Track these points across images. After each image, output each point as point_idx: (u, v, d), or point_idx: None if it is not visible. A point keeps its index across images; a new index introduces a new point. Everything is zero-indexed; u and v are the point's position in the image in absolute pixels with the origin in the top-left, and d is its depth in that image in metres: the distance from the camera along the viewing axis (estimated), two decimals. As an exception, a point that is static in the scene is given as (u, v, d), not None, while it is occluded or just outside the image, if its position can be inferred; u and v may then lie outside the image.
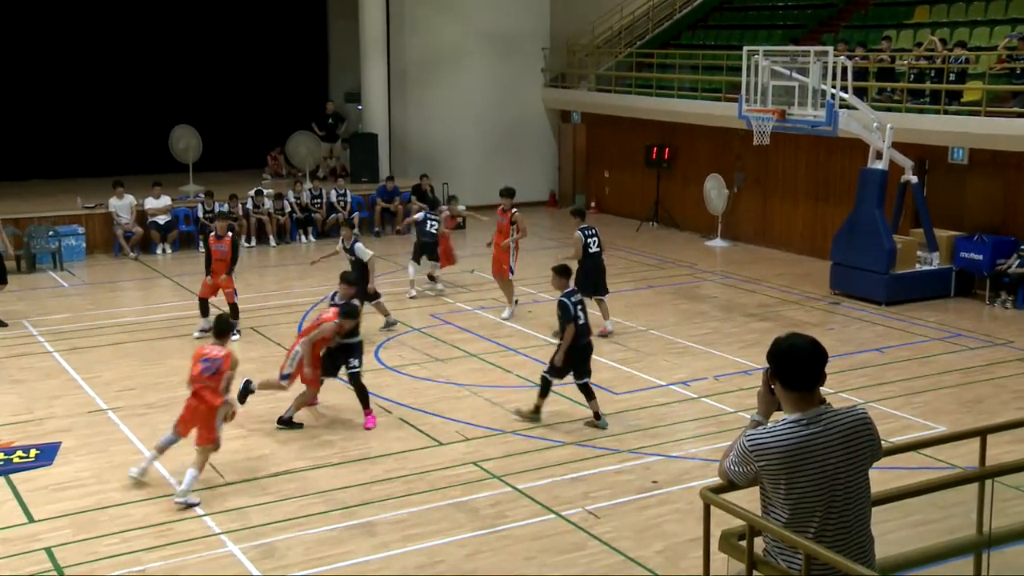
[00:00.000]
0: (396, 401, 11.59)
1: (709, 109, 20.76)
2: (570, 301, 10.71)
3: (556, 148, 26.69)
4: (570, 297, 10.79)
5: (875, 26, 20.33)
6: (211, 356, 9.17)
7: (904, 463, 8.49)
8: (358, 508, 8.81)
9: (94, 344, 13.91)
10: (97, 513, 8.72)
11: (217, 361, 9.12)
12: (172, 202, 20.62)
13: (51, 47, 23.93)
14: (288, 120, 24.37)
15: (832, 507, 4.35)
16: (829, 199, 19.21)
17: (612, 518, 8.65)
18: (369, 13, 23.55)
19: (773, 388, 4.49)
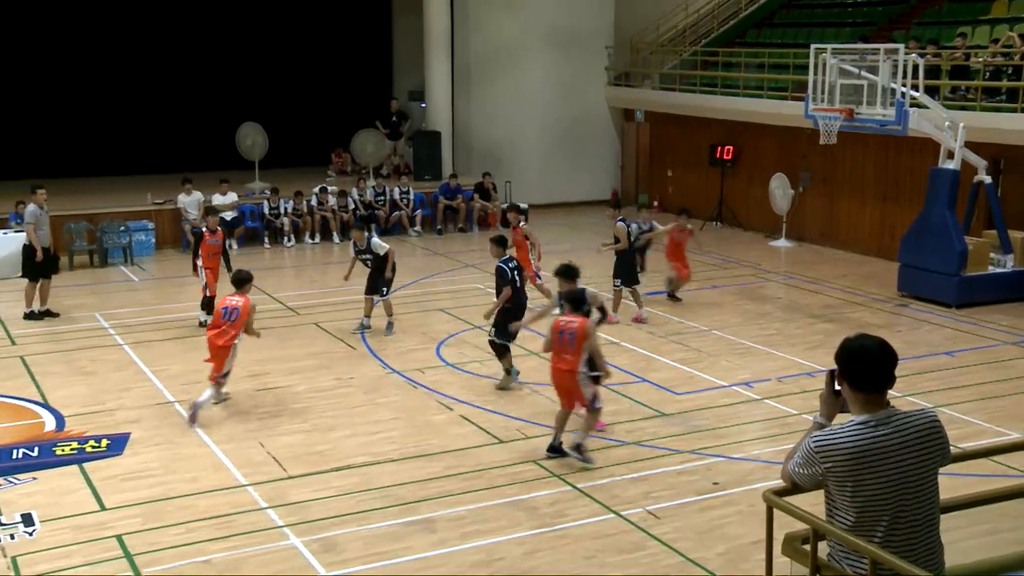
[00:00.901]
0: (457, 398, 11.63)
1: (775, 108, 20.50)
2: (508, 267, 11.99)
3: (619, 147, 26.57)
4: (507, 263, 12.03)
5: (949, 22, 19.87)
6: (230, 305, 11.05)
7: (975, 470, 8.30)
8: (417, 504, 8.85)
9: (162, 338, 14.19)
10: (164, 503, 8.88)
11: (236, 310, 10.96)
12: (238, 198, 20.96)
13: (125, 47, 24.45)
14: (353, 118, 24.62)
15: (900, 512, 4.28)
16: (898, 199, 18.85)
17: (673, 519, 8.58)
18: (433, 10, 23.68)
19: (840, 389, 4.42)
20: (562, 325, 9.71)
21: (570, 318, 9.78)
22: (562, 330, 9.68)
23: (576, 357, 9.59)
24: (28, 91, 23.78)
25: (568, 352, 9.61)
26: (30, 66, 23.77)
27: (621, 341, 13.86)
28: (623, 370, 12.62)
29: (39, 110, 23.91)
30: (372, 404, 11.48)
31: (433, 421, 10.96)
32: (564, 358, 9.64)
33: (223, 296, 11.53)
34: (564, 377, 9.72)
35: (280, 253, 20.26)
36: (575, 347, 9.59)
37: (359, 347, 13.69)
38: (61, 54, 23.98)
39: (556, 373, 9.81)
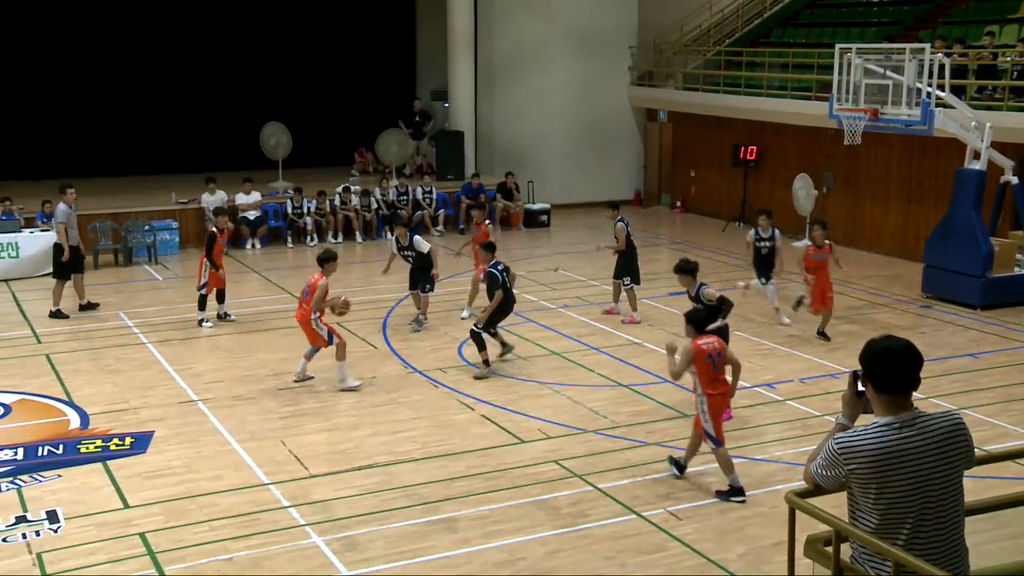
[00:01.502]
0: (478, 398, 11.65)
1: (799, 108, 20.39)
2: (497, 271, 12.52)
3: (642, 147, 26.50)
4: (496, 267, 12.56)
5: (976, 22, 19.71)
6: (308, 281, 11.95)
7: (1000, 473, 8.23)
8: (440, 504, 8.87)
9: (186, 336, 14.28)
10: (187, 501, 8.94)
11: (308, 285, 11.87)
12: (262, 198, 21.06)
13: (150, 47, 24.65)
14: (376, 118, 24.71)
15: (924, 515, 4.26)
16: (923, 200, 18.71)
17: (694, 520, 8.57)
18: (457, 10, 23.74)
19: (863, 391, 4.41)
20: (707, 349, 8.97)
21: (708, 339, 9.08)
22: (709, 354, 8.96)
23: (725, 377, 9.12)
24: (54, 91, 24.02)
25: (722, 373, 9.07)
26: (56, 67, 24.00)
27: (644, 342, 13.83)
28: (646, 371, 12.61)
29: (64, 110, 24.14)
30: (394, 403, 11.51)
31: (455, 420, 10.98)
32: (721, 380, 9.04)
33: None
34: (723, 403, 9.14)
35: (303, 252, 20.33)
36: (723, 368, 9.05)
37: (381, 346, 13.73)
38: (86, 55, 24.20)
39: (721, 401, 9.06)
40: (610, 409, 11.25)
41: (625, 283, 14.90)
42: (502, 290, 12.43)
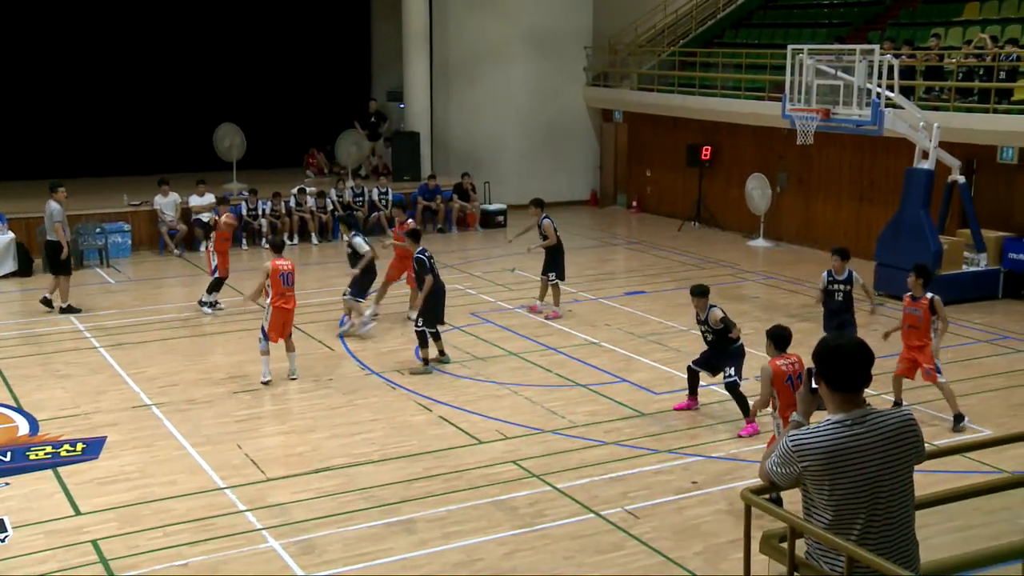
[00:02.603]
0: (436, 399, 11.63)
1: (752, 108, 20.60)
2: (425, 256, 12.55)
3: (598, 147, 26.61)
4: (423, 254, 12.58)
5: (923, 24, 20.05)
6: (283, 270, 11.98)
7: (949, 467, 8.37)
8: (398, 505, 8.84)
9: (139, 340, 14.11)
10: (141, 507, 8.83)
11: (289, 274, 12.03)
12: (216, 200, 20.81)
13: (99, 47, 24.28)
14: (331, 119, 24.57)
15: (876, 509, 4.31)
16: (874, 199, 18.98)
17: (651, 518, 8.62)
18: (412, 11, 23.66)
19: (817, 388, 4.46)
20: (787, 370, 8.54)
21: (788, 359, 8.64)
22: (789, 376, 8.51)
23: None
24: (2, 93, 23.57)
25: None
26: (4, 68, 23.56)
27: (601, 342, 13.89)
28: (603, 370, 12.67)
29: (12, 112, 23.70)
30: (351, 405, 11.46)
31: (413, 422, 10.95)
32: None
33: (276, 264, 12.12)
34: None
35: (258, 254, 20.12)
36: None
37: (338, 348, 13.66)
38: (35, 56, 23.80)
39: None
40: (567, 409, 11.29)
41: (550, 278, 15.05)
42: (431, 275, 12.43)
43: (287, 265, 12.01)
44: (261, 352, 12.07)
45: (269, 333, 11.99)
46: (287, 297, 11.97)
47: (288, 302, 11.98)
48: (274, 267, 11.96)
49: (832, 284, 12.22)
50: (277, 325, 11.99)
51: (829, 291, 12.26)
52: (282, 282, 11.92)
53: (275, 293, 11.95)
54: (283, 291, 11.94)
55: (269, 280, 12.02)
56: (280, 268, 11.95)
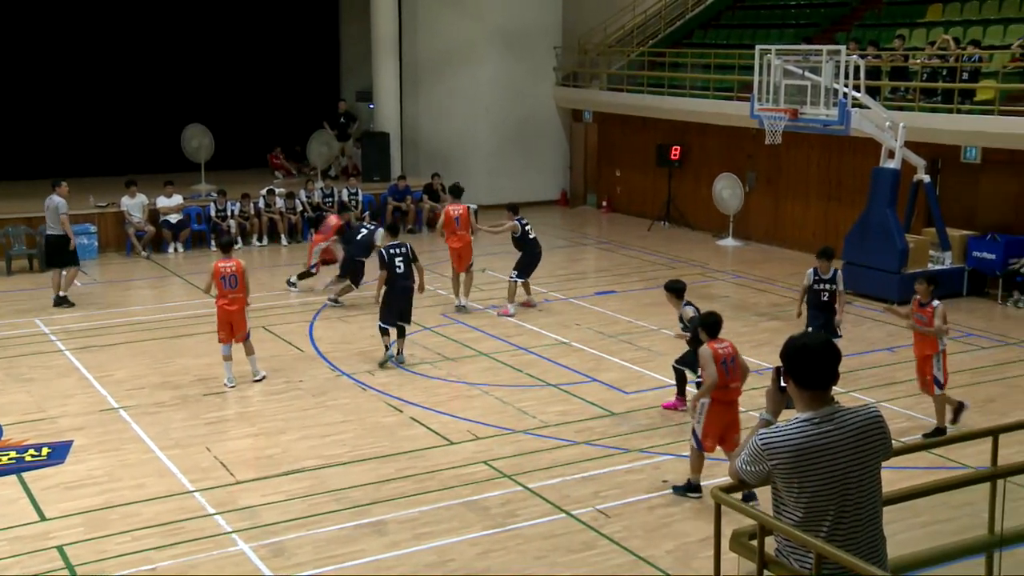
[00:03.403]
0: (407, 400, 11.60)
1: (721, 108, 20.72)
2: (386, 252, 12.79)
3: (568, 147, 26.66)
4: (387, 249, 12.81)
5: (888, 25, 20.26)
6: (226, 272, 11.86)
7: (915, 463, 8.46)
8: (369, 507, 8.82)
9: (106, 343, 13.97)
10: (108, 511, 8.74)
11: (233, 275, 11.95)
12: (184, 201, 20.69)
13: (66, 47, 24.03)
14: (301, 119, 24.45)
15: (844, 506, 4.33)
16: (841, 198, 19.15)
17: (622, 517, 8.64)
18: (381, 11, 23.57)
19: (785, 387, 4.48)
20: (722, 352, 8.90)
21: (722, 343, 9.00)
22: (723, 359, 8.87)
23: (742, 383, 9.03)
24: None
25: (736, 380, 8.95)
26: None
27: (572, 341, 13.92)
28: (573, 370, 12.69)
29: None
30: (322, 407, 11.41)
31: (383, 423, 10.92)
32: (733, 388, 8.96)
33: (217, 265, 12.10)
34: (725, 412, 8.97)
35: (232, 257, 20.03)
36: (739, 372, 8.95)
37: (308, 349, 13.60)
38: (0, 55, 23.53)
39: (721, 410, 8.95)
40: (538, 409, 11.30)
41: (512, 276, 15.28)
42: (388, 270, 12.69)
43: (231, 267, 11.86)
44: (223, 357, 12.00)
45: (218, 334, 11.94)
46: (230, 299, 11.82)
47: (232, 303, 11.82)
48: (216, 269, 11.88)
49: (818, 284, 12.29)
50: (224, 326, 11.90)
51: (815, 290, 12.32)
52: (224, 284, 11.82)
53: (219, 294, 11.90)
54: (225, 293, 11.82)
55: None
56: (223, 271, 11.84)
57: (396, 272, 12.73)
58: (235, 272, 11.87)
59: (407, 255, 12.87)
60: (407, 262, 12.86)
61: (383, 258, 12.76)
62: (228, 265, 11.90)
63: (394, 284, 12.71)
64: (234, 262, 11.97)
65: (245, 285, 11.94)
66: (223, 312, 11.87)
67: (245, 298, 11.96)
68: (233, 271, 11.87)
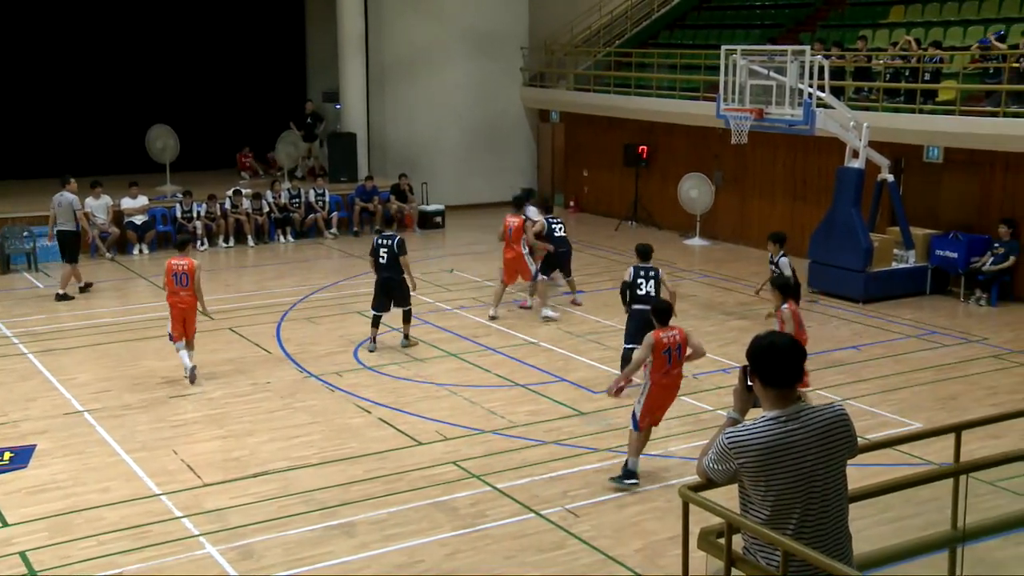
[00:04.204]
0: (375, 401, 11.56)
1: (687, 108, 20.82)
2: (375, 241, 13.40)
3: (535, 147, 26.70)
4: (376, 239, 13.38)
5: (851, 25, 20.45)
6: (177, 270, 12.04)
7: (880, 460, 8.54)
8: (338, 508, 8.79)
9: (70, 346, 13.81)
10: (73, 516, 8.65)
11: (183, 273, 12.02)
12: (149, 202, 20.46)
13: (27, 47, 23.70)
14: (267, 120, 24.29)
15: (811, 504, 4.37)
16: (807, 198, 19.30)
17: (591, 517, 8.66)
18: (347, 11, 23.47)
19: (751, 385, 4.50)
20: (667, 341, 9.23)
21: (670, 331, 9.32)
22: (668, 347, 9.24)
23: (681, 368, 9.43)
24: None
25: (677, 367, 9.37)
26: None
27: (540, 341, 13.93)
28: (542, 370, 12.71)
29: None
30: (289, 408, 11.35)
31: (351, 424, 10.89)
32: (675, 373, 9.39)
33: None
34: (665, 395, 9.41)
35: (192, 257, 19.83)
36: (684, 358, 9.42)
37: (275, 351, 13.52)
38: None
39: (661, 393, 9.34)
40: (507, 409, 11.31)
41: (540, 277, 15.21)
42: (373, 257, 13.32)
43: (183, 266, 12.00)
44: (177, 350, 12.16)
45: (172, 332, 12.08)
46: (181, 296, 11.98)
47: (182, 300, 11.98)
48: (169, 266, 12.07)
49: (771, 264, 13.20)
50: (176, 323, 12.03)
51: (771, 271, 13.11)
52: (175, 281, 11.99)
53: (169, 291, 12.04)
54: (176, 290, 12.00)
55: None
56: (174, 268, 12.01)
57: (380, 263, 13.25)
58: (187, 271, 11.98)
59: (391, 248, 13.12)
60: (391, 254, 13.13)
61: (372, 247, 13.33)
62: (181, 263, 12.04)
63: (378, 274, 13.34)
64: (187, 260, 12.08)
65: (196, 285, 12.00)
66: (175, 308, 12.03)
67: (195, 297, 12.05)
68: (185, 269, 11.99)
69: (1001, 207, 16.21)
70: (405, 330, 13.55)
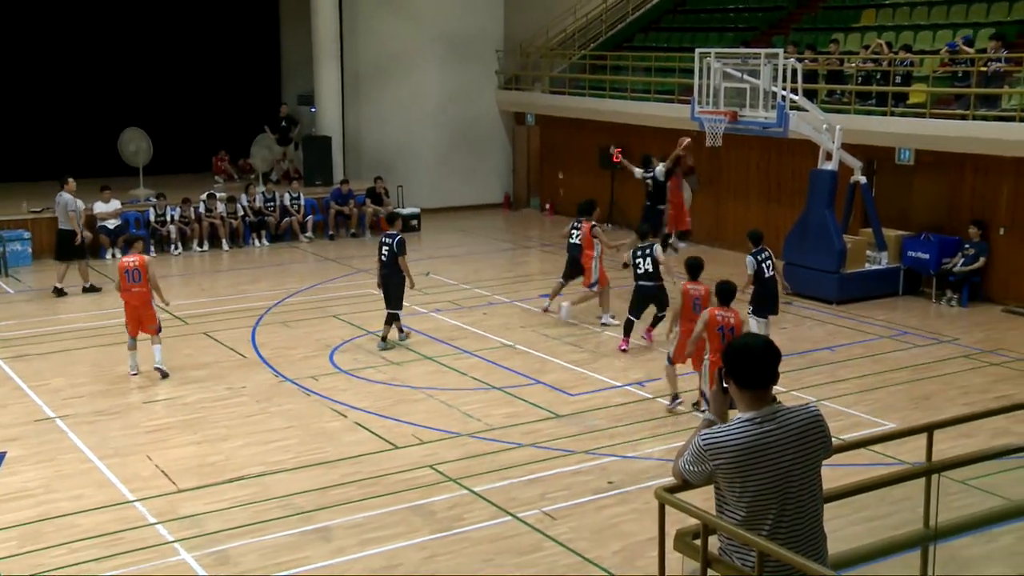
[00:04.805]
0: (351, 405, 11.52)
1: (662, 111, 20.88)
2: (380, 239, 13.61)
3: (511, 150, 26.71)
4: (380, 237, 13.64)
5: (824, 29, 20.60)
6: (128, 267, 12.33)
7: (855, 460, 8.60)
8: (315, 513, 8.75)
9: (41, 351, 13.66)
10: (44, 524, 8.56)
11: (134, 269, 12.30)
12: (122, 206, 20.29)
13: (-4, 49, 23.50)
14: (241, 122, 24.13)
15: (786, 505, 4.38)
16: (781, 200, 19.41)
17: (569, 519, 8.66)
18: (322, 15, 23.38)
19: (727, 387, 4.51)
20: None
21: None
22: (721, 325, 9.96)
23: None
24: None
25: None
26: None
27: (516, 344, 13.93)
28: (518, 372, 12.71)
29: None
30: (266, 413, 11.29)
31: (328, 428, 10.84)
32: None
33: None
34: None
35: (167, 261, 19.72)
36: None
37: (251, 355, 13.45)
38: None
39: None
40: (484, 412, 11.29)
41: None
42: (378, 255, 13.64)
43: (133, 262, 12.29)
44: (128, 347, 12.42)
45: (127, 326, 12.40)
46: (133, 292, 12.25)
47: (133, 298, 12.25)
48: (121, 265, 12.42)
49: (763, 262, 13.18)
50: (130, 319, 12.35)
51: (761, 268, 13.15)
52: (127, 278, 12.26)
53: (123, 288, 12.35)
54: (128, 287, 12.27)
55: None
56: (126, 265, 12.31)
57: (381, 260, 13.57)
58: (138, 267, 12.26)
59: (391, 246, 13.40)
60: (391, 253, 13.41)
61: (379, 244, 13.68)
62: (131, 260, 12.33)
63: (380, 271, 13.66)
64: (137, 257, 12.37)
65: (149, 279, 12.28)
66: (128, 306, 12.34)
67: (149, 292, 12.31)
68: (136, 265, 12.26)
69: (971, 208, 16.38)
70: (384, 332, 13.62)
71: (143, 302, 12.29)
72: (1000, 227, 16.03)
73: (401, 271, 13.46)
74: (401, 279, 13.52)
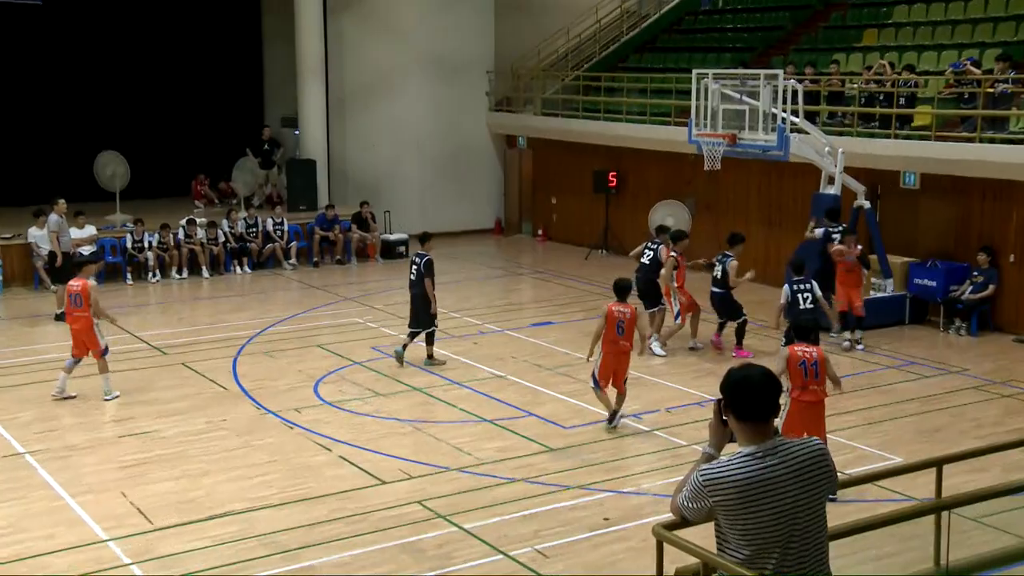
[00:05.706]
0: (336, 438, 11.09)
1: (658, 133, 20.57)
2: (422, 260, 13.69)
3: (502, 174, 26.33)
4: (423, 258, 13.67)
5: (824, 49, 20.31)
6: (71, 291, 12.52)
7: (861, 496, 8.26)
8: (299, 551, 8.42)
9: (12, 383, 13.18)
10: (15, 564, 8.17)
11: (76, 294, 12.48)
12: (97, 232, 19.70)
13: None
14: (223, 146, 23.71)
15: (791, 542, 4.22)
16: (782, 224, 19.03)
17: (563, 557, 8.32)
18: (306, 36, 23.01)
19: (726, 420, 4.37)
20: (801, 355, 9.33)
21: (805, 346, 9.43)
22: (803, 360, 9.34)
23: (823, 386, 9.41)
24: None
25: (814, 383, 9.35)
26: None
27: (508, 375, 13.50)
28: (509, 404, 12.29)
29: None
30: (247, 447, 10.90)
31: (312, 463, 10.44)
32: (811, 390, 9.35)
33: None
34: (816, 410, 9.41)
35: (144, 289, 19.24)
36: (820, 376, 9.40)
37: (231, 387, 12.99)
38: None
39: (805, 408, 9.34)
40: (474, 445, 10.88)
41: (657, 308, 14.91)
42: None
43: (76, 287, 12.46)
44: (64, 368, 12.48)
45: (72, 350, 12.56)
46: (75, 317, 12.44)
47: (75, 322, 12.44)
48: (68, 288, 12.73)
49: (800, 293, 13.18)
50: (77, 344, 12.49)
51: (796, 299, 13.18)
52: (71, 302, 12.51)
53: (67, 313, 12.76)
54: (71, 311, 12.51)
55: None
56: (71, 289, 12.56)
57: (410, 279, 13.85)
58: (79, 292, 12.38)
59: (420, 267, 13.63)
60: (419, 272, 13.62)
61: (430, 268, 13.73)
62: (75, 285, 12.49)
63: (409, 289, 13.96)
64: (80, 282, 12.49)
65: (93, 305, 12.35)
66: (71, 330, 12.58)
67: (90, 318, 12.34)
68: (78, 291, 12.40)
69: (980, 234, 15.99)
70: (428, 350, 13.81)
71: (84, 327, 12.36)
72: (1010, 254, 15.64)
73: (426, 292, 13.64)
74: (426, 300, 13.65)
